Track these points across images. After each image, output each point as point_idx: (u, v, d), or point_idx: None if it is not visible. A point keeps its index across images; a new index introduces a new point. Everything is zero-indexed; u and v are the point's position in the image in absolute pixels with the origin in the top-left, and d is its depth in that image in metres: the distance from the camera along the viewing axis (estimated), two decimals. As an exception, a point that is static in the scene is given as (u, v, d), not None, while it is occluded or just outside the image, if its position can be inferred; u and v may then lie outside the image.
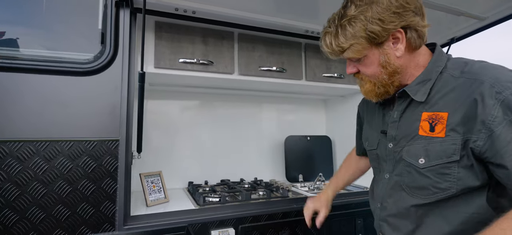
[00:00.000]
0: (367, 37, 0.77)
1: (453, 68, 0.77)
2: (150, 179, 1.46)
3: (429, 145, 0.76)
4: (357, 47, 0.79)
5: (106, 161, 1.12)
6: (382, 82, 0.83)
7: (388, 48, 0.79)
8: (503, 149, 0.64)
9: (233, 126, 2.07)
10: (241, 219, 1.31)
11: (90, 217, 1.08)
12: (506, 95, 0.64)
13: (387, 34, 0.77)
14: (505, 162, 0.64)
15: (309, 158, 2.12)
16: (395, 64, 0.80)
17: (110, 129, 1.13)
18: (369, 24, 0.76)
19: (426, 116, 0.78)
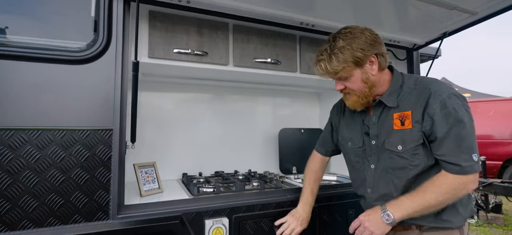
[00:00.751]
0: (353, 61, 1.07)
1: (408, 82, 1.12)
2: (144, 170, 1.46)
3: (403, 135, 1.07)
4: (347, 69, 1.08)
5: (100, 150, 1.11)
6: (365, 94, 1.12)
7: (367, 68, 1.09)
8: (437, 129, 1.00)
9: (227, 119, 2.07)
10: (235, 208, 1.32)
11: (83, 206, 1.08)
12: (443, 97, 1.00)
13: (367, 58, 1.08)
14: (437, 136, 1.00)
15: (303, 150, 2.14)
16: (372, 80, 1.11)
17: (104, 118, 1.13)
18: (355, 52, 1.06)
19: (396, 116, 1.10)
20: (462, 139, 0.98)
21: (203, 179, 1.69)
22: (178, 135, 1.91)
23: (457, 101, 1.00)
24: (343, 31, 1.10)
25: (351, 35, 1.07)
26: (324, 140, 1.46)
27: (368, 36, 1.08)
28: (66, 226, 1.06)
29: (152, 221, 1.17)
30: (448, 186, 0.99)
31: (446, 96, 1.00)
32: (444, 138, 0.99)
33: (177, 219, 1.21)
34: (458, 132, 0.98)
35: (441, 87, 1.03)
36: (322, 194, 1.52)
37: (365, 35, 1.07)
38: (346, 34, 1.08)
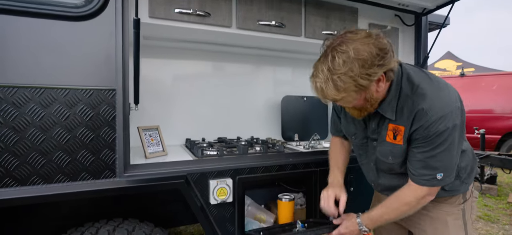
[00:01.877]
0: (356, 90, 0.91)
1: (406, 87, 1.01)
2: (148, 133, 1.47)
3: (393, 149, 1.06)
4: (348, 99, 0.94)
5: (104, 110, 1.11)
6: (366, 109, 1.04)
7: (372, 88, 0.95)
8: (414, 144, 1.01)
9: (229, 86, 2.05)
10: (239, 170, 1.35)
11: (90, 164, 1.10)
12: (430, 121, 0.94)
13: (373, 82, 0.92)
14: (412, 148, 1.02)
15: (305, 118, 2.15)
16: (377, 97, 1.00)
17: (106, 78, 1.11)
18: (359, 79, 0.88)
19: (391, 127, 1.05)
20: (433, 159, 0.97)
21: (206, 144, 1.71)
22: (180, 102, 1.91)
23: (444, 124, 0.93)
24: (341, 49, 0.88)
25: (355, 54, 0.86)
26: (334, 123, 1.39)
27: (375, 52, 0.87)
28: (74, 182, 1.08)
29: (158, 180, 1.20)
30: (405, 202, 1.05)
31: (434, 120, 0.93)
32: (417, 154, 1.00)
33: (182, 179, 1.24)
34: (431, 155, 0.97)
35: (433, 105, 0.94)
36: (323, 158, 1.54)
37: (371, 50, 0.87)
38: (347, 52, 0.87)
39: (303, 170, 1.49)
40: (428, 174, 0.99)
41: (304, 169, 1.50)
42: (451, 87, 1.02)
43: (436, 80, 1.02)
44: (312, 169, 1.52)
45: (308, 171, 1.51)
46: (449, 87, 1.01)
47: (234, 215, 1.35)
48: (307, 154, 1.56)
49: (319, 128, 2.19)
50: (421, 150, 0.99)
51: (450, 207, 1.13)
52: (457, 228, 1.12)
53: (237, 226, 1.36)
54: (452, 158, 0.99)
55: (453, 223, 1.12)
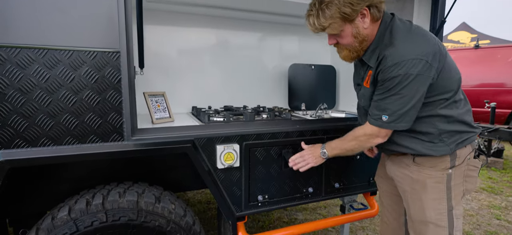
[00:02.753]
0: (341, 17, 1.03)
1: (387, 37, 1.07)
2: (154, 99, 1.46)
3: (364, 92, 1.17)
4: (334, 25, 1.05)
5: (109, 73, 1.09)
6: (355, 49, 1.12)
7: (358, 23, 1.05)
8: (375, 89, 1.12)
9: (236, 53, 2.00)
10: (246, 136, 1.34)
11: (98, 127, 1.10)
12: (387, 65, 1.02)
13: (356, 13, 1.03)
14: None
15: (313, 88, 2.11)
16: (363, 34, 1.08)
17: (110, 39, 1.08)
18: (342, 7, 1.01)
19: (369, 73, 1.12)
20: (382, 101, 1.06)
21: (213, 111, 1.70)
22: (186, 71, 1.87)
23: (396, 71, 0.99)
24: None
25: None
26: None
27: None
28: (83, 145, 1.09)
29: (166, 144, 1.21)
30: (356, 135, 1.18)
31: (389, 65, 1.00)
32: (374, 96, 1.10)
33: (189, 143, 1.24)
34: (382, 97, 1.06)
35: (394, 52, 1.01)
36: (330, 126, 1.53)
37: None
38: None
39: (310, 137, 1.48)
40: (376, 113, 1.09)
41: (311, 137, 1.49)
42: (430, 43, 1.03)
43: (415, 33, 1.06)
44: (319, 137, 1.51)
45: (315, 138, 1.50)
46: (424, 42, 1.03)
47: (241, 179, 1.37)
48: (314, 121, 1.55)
49: (327, 97, 2.15)
50: (377, 92, 1.09)
51: (432, 170, 1.15)
52: (437, 191, 1.14)
53: (244, 190, 1.39)
54: (402, 105, 1.03)
55: (432, 186, 1.14)
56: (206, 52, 1.92)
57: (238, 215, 1.40)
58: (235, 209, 1.39)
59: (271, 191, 1.45)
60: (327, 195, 1.60)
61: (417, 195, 1.17)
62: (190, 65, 1.88)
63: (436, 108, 1.10)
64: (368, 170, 1.81)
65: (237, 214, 1.40)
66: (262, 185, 1.43)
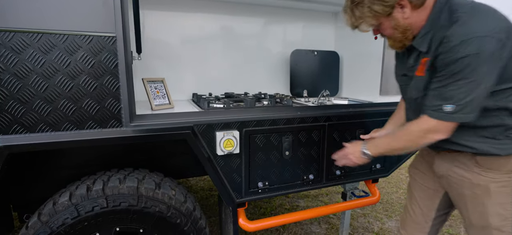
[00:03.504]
0: (372, 16, 0.96)
1: (444, 17, 0.92)
2: (153, 85, 1.44)
3: (417, 82, 1.02)
4: (367, 24, 1.00)
5: (105, 58, 1.07)
6: (398, 39, 1.02)
7: (396, 14, 0.96)
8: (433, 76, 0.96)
9: (237, 39, 1.96)
10: (245, 122, 1.33)
11: (96, 112, 1.09)
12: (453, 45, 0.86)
13: (390, 7, 0.94)
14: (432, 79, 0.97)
15: (315, 74, 2.07)
16: (404, 24, 0.97)
17: (105, 23, 1.05)
18: (372, 5, 0.94)
19: (423, 61, 0.99)
20: (445, 88, 0.90)
21: (214, 98, 1.68)
22: (186, 57, 1.84)
23: (463, 50, 0.83)
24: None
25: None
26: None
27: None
28: (82, 131, 1.09)
29: (165, 130, 1.20)
30: (410, 131, 1.02)
31: (453, 45, 0.85)
32: (432, 84, 0.95)
33: (189, 129, 1.23)
34: (444, 84, 0.90)
35: (457, 31, 0.85)
36: (331, 113, 1.50)
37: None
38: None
39: (311, 124, 1.46)
40: (436, 104, 0.92)
41: (312, 123, 1.47)
42: (502, 18, 0.88)
43: (481, 8, 0.89)
44: (320, 123, 1.49)
45: (316, 124, 1.48)
46: (495, 16, 0.87)
47: (241, 166, 1.36)
48: (315, 108, 1.52)
49: (330, 84, 2.11)
50: (436, 79, 0.93)
51: (497, 173, 0.99)
52: (503, 196, 1.00)
53: (244, 177, 1.38)
54: (469, 91, 0.86)
55: (497, 191, 0.99)
56: (208, 38, 1.88)
57: (239, 201, 1.40)
58: (235, 195, 1.39)
59: (271, 177, 1.45)
60: (328, 182, 1.59)
61: (479, 200, 1.03)
62: (191, 51, 1.85)
63: (505, 99, 0.93)
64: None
65: (238, 200, 1.40)
66: (262, 171, 1.42)
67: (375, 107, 1.63)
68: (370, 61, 1.86)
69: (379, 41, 1.79)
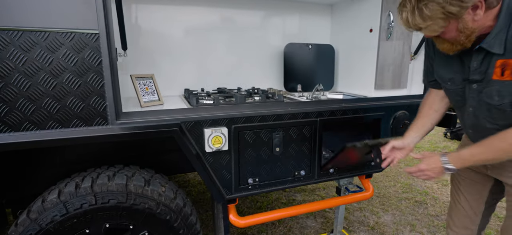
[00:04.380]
0: (444, 17, 0.83)
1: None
2: (142, 81, 1.43)
3: (502, 87, 0.91)
4: (434, 27, 0.85)
5: (88, 55, 1.06)
6: (460, 42, 0.91)
7: (466, 16, 0.84)
8: None
9: (230, 33, 1.93)
10: (234, 119, 1.31)
11: (81, 110, 1.09)
12: None
13: (466, 9, 0.81)
14: None
15: (310, 68, 2.03)
16: (472, 27, 0.86)
17: (87, 20, 1.03)
18: (447, 5, 0.80)
19: (499, 63, 0.90)
20: None
21: (205, 93, 1.67)
22: (180, 50, 1.82)
23: None
24: None
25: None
26: (426, 71, 1.25)
27: None
28: (67, 129, 1.08)
29: (151, 128, 1.19)
30: (508, 143, 0.93)
31: None
32: None
33: (176, 127, 1.22)
34: None
35: None
36: (323, 108, 1.48)
37: None
38: None
39: (302, 120, 1.44)
40: None
41: (303, 119, 1.45)
42: None
43: None
44: (312, 119, 1.47)
45: (308, 120, 1.46)
46: None
47: (230, 162, 1.36)
48: (307, 103, 1.50)
49: (324, 78, 2.08)
50: None
51: None
52: None
53: (234, 173, 1.38)
54: None
55: None
56: (201, 32, 1.85)
57: (228, 197, 1.40)
58: (225, 192, 1.39)
59: (261, 174, 1.44)
60: (320, 178, 1.58)
61: None
62: (185, 46, 1.83)
63: None
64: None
65: (227, 196, 1.40)
66: (253, 168, 1.41)
67: (368, 102, 1.60)
68: (365, 55, 1.82)
69: (374, 34, 1.75)
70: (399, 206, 2.60)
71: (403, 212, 2.51)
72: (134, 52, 1.70)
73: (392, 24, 1.71)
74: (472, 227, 1.30)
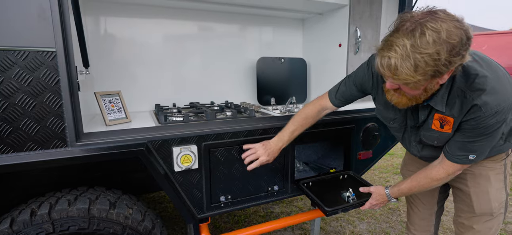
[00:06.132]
0: (432, 76, 0.82)
1: (460, 79, 0.95)
2: (107, 99, 1.37)
3: (440, 136, 1.06)
4: (421, 83, 0.84)
5: (45, 74, 1.00)
6: (418, 99, 0.97)
7: (439, 79, 0.87)
8: (458, 132, 1.02)
9: (203, 46, 1.92)
10: (204, 136, 1.29)
11: (36, 133, 1.02)
12: (483, 115, 0.92)
13: (447, 72, 0.83)
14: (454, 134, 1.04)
15: (283, 81, 2.06)
16: (435, 88, 0.93)
17: (43, 37, 0.98)
18: (440, 65, 0.79)
19: (438, 117, 1.03)
20: (471, 144, 1.00)
21: (176, 109, 1.63)
22: (151, 65, 1.78)
23: (495, 119, 0.92)
24: (433, 26, 0.76)
25: (446, 36, 0.76)
26: (343, 96, 1.31)
27: (464, 39, 0.78)
28: (20, 153, 1.01)
29: (115, 148, 1.13)
30: (437, 178, 1.12)
31: (487, 115, 0.91)
32: (457, 137, 1.02)
33: (142, 146, 1.17)
34: (471, 140, 0.99)
35: (489, 101, 0.89)
36: (296, 123, 1.49)
37: (461, 36, 0.78)
38: (439, 32, 0.76)
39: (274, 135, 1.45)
40: (462, 154, 1.03)
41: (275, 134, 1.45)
42: (508, 77, 0.98)
43: (495, 70, 0.95)
44: (284, 134, 1.47)
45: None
46: (507, 78, 0.97)
47: (201, 181, 1.32)
48: (279, 118, 1.51)
49: (297, 90, 2.12)
50: (464, 135, 1.00)
51: (493, 163, 1.17)
52: (498, 182, 1.18)
53: (205, 192, 1.34)
54: (490, 145, 1.01)
55: (495, 178, 1.17)
56: (175, 46, 1.83)
57: (200, 217, 1.36)
58: (196, 211, 1.35)
59: (234, 191, 1.42)
60: (293, 192, 1.58)
61: (484, 189, 1.18)
62: (158, 60, 1.79)
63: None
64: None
65: (199, 216, 1.36)
66: (224, 185, 1.39)
67: (338, 115, 1.64)
68: (335, 69, 1.88)
69: (343, 49, 1.81)
70: (374, 214, 2.67)
71: (377, 220, 2.57)
72: (105, 68, 1.64)
73: (359, 40, 1.78)
74: (430, 228, 1.45)
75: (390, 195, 1.28)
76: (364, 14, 1.78)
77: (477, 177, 1.18)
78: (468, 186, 1.21)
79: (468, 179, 1.20)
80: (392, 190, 1.28)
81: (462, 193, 1.25)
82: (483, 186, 1.18)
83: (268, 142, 1.33)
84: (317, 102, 1.36)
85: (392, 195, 1.28)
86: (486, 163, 1.17)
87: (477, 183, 1.19)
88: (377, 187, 1.37)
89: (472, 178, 1.20)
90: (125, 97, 1.53)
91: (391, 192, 1.28)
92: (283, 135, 1.33)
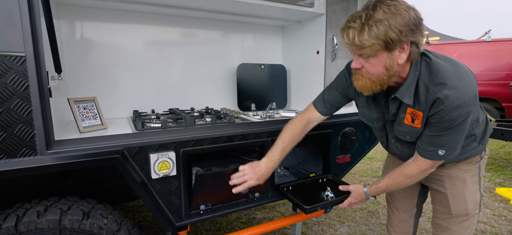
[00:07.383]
0: (385, 41, 0.93)
1: (424, 73, 1.03)
2: (82, 105, 1.33)
3: (411, 131, 1.12)
4: (376, 47, 0.95)
5: (12, 80, 0.96)
6: (381, 81, 1.03)
7: (395, 55, 0.97)
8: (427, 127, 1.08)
9: (183, 52, 1.91)
10: (183, 142, 1.28)
11: (1, 141, 0.97)
12: (446, 109, 0.98)
13: (400, 43, 0.94)
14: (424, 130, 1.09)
15: (263, 87, 2.09)
16: (395, 69, 1.00)
17: (11, 42, 0.94)
18: (390, 31, 0.91)
19: (410, 111, 1.10)
20: (439, 138, 1.05)
21: (154, 116, 1.61)
22: (131, 71, 1.75)
23: (458, 113, 0.98)
24: (386, 3, 0.93)
25: (395, 9, 0.91)
26: (330, 102, 1.34)
27: (413, 18, 0.93)
28: (-16, 163, 0.96)
29: (88, 156, 1.10)
30: (410, 175, 1.17)
31: (450, 109, 0.97)
32: (426, 132, 1.08)
33: (117, 154, 1.15)
34: (439, 135, 1.04)
35: (451, 95, 0.97)
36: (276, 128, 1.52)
37: (410, 15, 0.92)
38: (390, 7, 0.92)
39: (253, 141, 1.46)
40: (432, 149, 1.08)
41: (254, 140, 1.47)
42: (470, 74, 1.04)
43: (456, 67, 1.02)
44: (263, 139, 1.49)
45: (260, 140, 1.48)
46: (468, 75, 1.02)
47: (179, 188, 1.31)
48: (258, 124, 1.52)
49: (278, 97, 2.15)
50: (431, 130, 1.06)
51: (469, 165, 1.23)
52: (473, 183, 1.24)
53: (184, 199, 1.33)
54: (458, 140, 1.06)
55: (470, 180, 1.23)
56: (156, 51, 1.81)
57: (179, 225, 1.34)
58: (175, 219, 1.33)
59: (214, 198, 1.41)
60: (274, 197, 1.59)
61: (460, 191, 1.23)
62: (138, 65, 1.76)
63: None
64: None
65: (177, 223, 1.34)
66: (204, 192, 1.38)
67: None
68: (314, 75, 1.93)
69: (321, 56, 1.87)
70: (354, 217, 2.73)
71: (357, 223, 2.64)
72: (81, 74, 1.60)
73: (336, 47, 1.85)
74: (409, 230, 1.50)
75: (369, 193, 1.32)
76: (340, 23, 1.85)
77: (454, 179, 1.23)
78: (446, 188, 1.25)
79: (445, 181, 1.25)
80: (370, 188, 1.31)
81: (439, 195, 1.29)
82: (460, 188, 1.23)
83: (258, 164, 1.24)
84: (303, 116, 1.35)
85: (370, 194, 1.32)
86: (462, 165, 1.22)
87: (454, 185, 1.24)
88: (356, 186, 1.40)
89: (449, 180, 1.24)
90: (103, 104, 1.50)
91: (369, 190, 1.32)
92: (273, 154, 1.26)
